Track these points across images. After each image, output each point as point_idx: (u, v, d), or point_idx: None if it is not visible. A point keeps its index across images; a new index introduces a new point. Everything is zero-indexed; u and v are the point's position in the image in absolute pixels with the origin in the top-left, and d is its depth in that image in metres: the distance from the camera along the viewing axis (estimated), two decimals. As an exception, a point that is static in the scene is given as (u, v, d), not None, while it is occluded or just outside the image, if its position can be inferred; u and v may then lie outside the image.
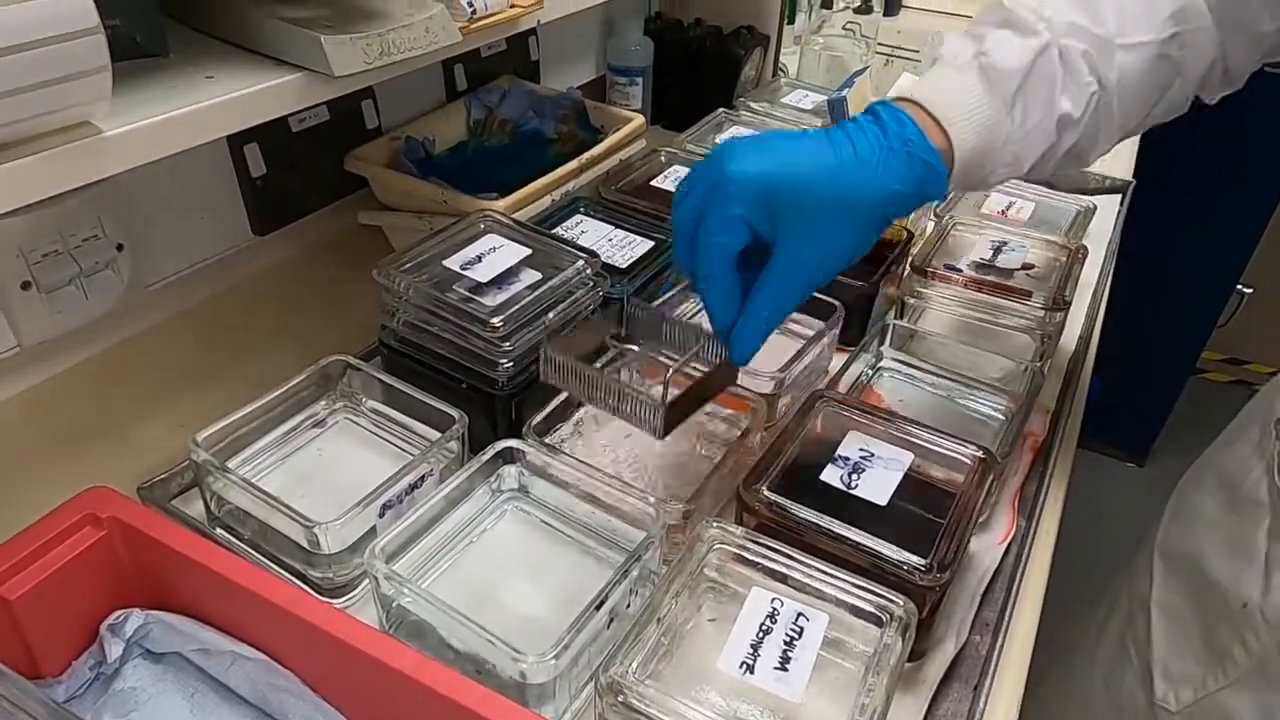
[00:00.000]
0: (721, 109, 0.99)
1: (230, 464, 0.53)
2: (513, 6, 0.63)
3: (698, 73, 1.11)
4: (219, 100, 0.46)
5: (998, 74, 0.47)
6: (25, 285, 0.57)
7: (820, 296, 0.67)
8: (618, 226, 0.75)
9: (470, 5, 0.58)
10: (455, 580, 0.50)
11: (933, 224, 0.80)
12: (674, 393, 0.49)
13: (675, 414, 0.49)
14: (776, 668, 0.40)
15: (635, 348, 0.60)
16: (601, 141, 0.85)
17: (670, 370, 0.50)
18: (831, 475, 0.51)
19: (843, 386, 0.62)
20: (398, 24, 0.52)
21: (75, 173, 0.41)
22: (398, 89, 0.82)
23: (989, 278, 0.69)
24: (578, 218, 0.76)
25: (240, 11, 0.51)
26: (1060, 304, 0.66)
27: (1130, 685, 0.65)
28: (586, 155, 0.81)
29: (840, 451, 0.52)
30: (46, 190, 0.40)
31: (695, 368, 0.52)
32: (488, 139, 0.89)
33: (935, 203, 0.76)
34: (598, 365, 0.58)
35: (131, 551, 0.46)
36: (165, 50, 0.48)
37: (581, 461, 0.53)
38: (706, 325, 0.49)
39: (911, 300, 0.70)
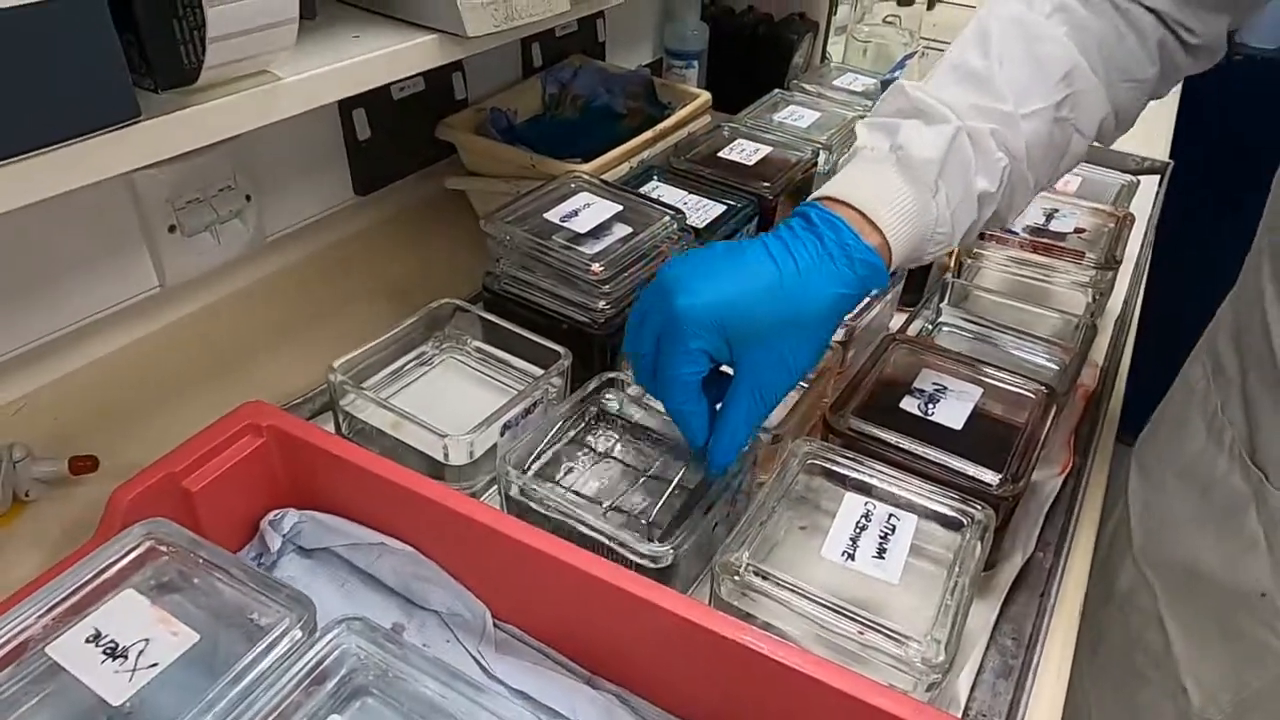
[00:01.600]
0: (777, 90, 1.04)
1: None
2: (608, -18, 0.68)
3: (751, 57, 1.16)
4: (369, 56, 0.52)
5: (916, 165, 0.48)
6: (171, 229, 0.63)
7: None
8: (691, 192, 0.80)
9: (575, -22, 0.64)
10: (572, 487, 0.56)
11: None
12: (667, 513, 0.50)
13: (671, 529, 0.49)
14: (874, 556, 0.45)
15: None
16: (669, 116, 0.90)
17: (655, 507, 0.51)
18: (909, 404, 0.56)
19: (908, 337, 0.67)
20: (518, -8, 0.58)
21: (259, 113, 0.46)
22: (482, 64, 0.88)
23: (1043, 240, 0.74)
24: (653, 183, 0.81)
25: (380, -21, 0.56)
26: (1111, 263, 0.71)
27: (1152, 702, 0.63)
28: (659, 127, 0.86)
29: (916, 384, 0.57)
30: (237, 128, 0.46)
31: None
32: (562, 112, 0.94)
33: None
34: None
35: (285, 456, 0.52)
36: (314, 13, 0.54)
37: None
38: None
39: (969, 260, 0.75)
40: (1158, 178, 1.03)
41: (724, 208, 0.77)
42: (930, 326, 0.72)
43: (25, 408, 0.59)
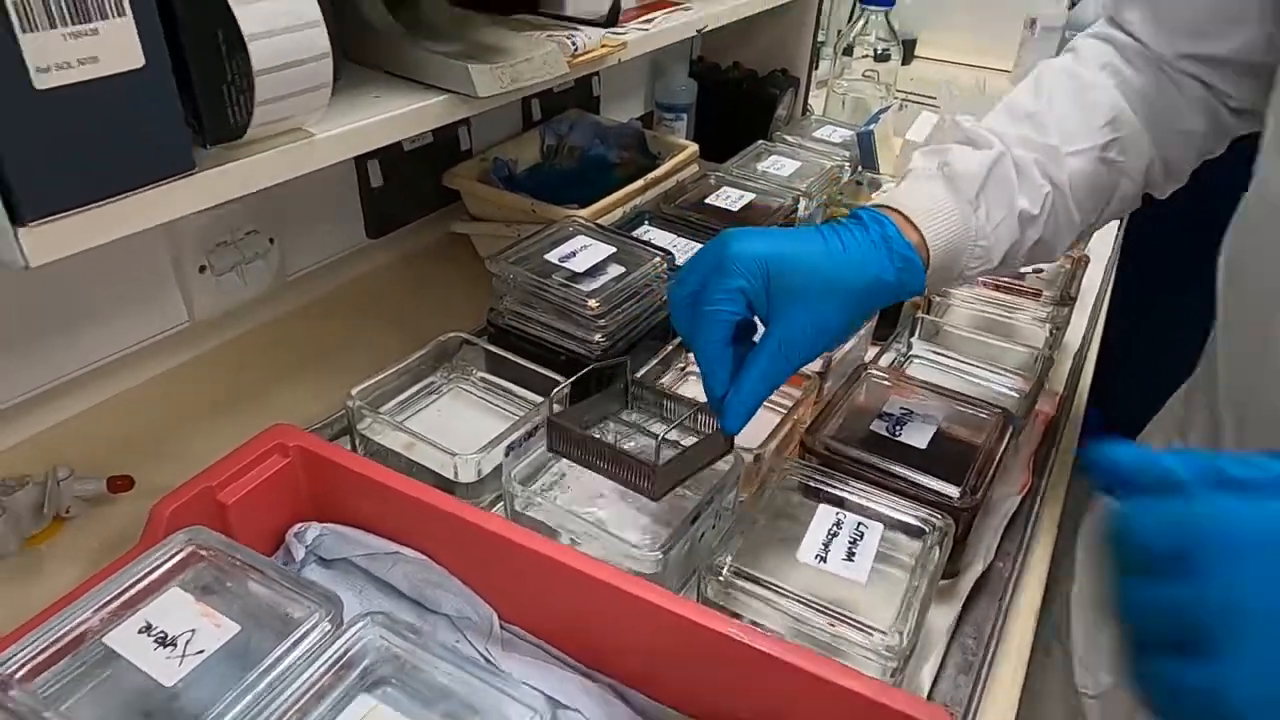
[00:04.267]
0: (761, 140, 1.11)
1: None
2: (603, 46, 0.75)
3: (736, 110, 1.24)
4: (391, 114, 0.58)
5: (960, 179, 0.54)
6: (202, 269, 0.68)
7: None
8: (680, 235, 0.86)
9: (574, 44, 0.71)
10: (568, 503, 0.60)
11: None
12: (667, 455, 0.52)
13: (668, 478, 0.52)
14: (844, 559, 0.50)
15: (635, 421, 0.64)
16: (660, 165, 0.97)
17: (660, 436, 0.54)
18: (879, 426, 0.61)
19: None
20: (521, 58, 0.64)
21: (294, 166, 0.52)
22: (486, 117, 0.94)
23: (1005, 280, 0.80)
24: (645, 227, 0.87)
25: (398, 47, 0.63)
26: (1066, 300, 0.77)
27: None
28: (650, 176, 0.93)
29: (885, 410, 0.63)
30: (274, 179, 0.51)
31: (691, 435, 0.58)
32: (559, 162, 1.01)
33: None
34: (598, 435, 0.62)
35: (310, 474, 0.56)
36: (339, 76, 0.60)
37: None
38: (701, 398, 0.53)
39: (938, 299, 0.81)
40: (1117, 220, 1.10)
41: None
42: (902, 359, 0.78)
43: (66, 432, 0.64)
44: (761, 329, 0.52)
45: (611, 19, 0.78)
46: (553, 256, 0.72)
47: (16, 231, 0.39)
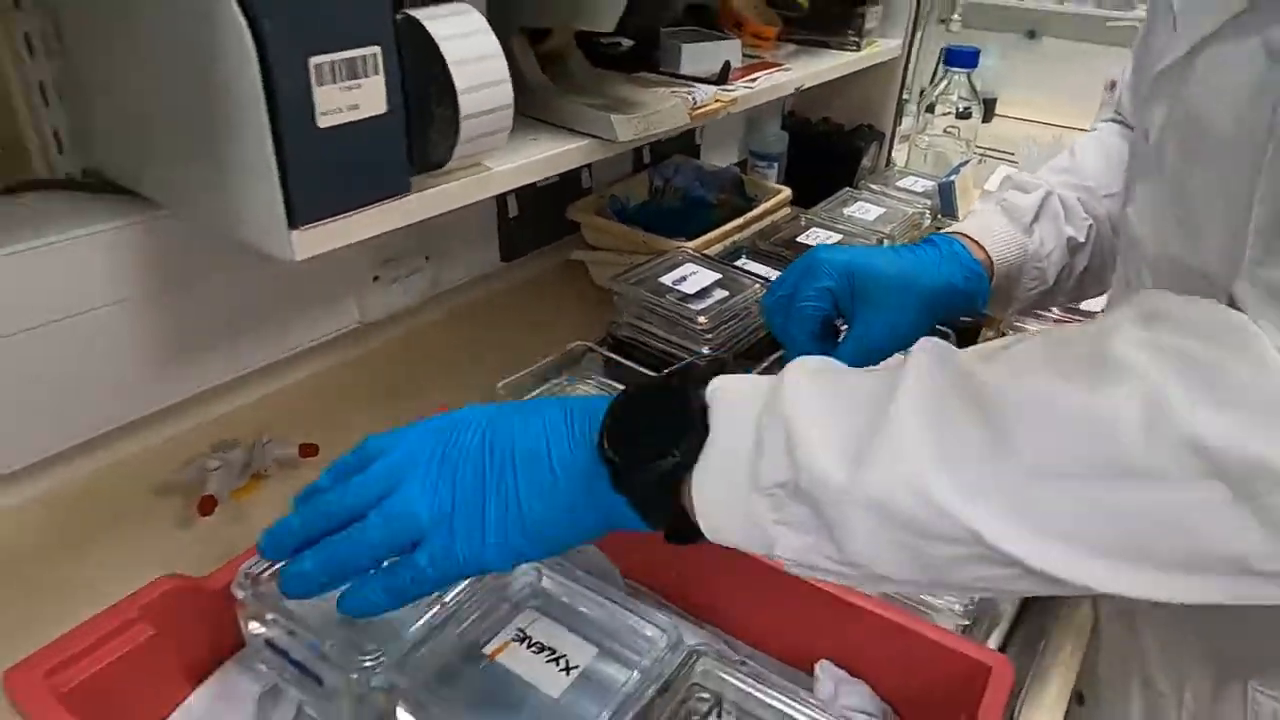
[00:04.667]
0: (847, 188, 1.21)
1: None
2: (716, 101, 0.87)
3: (824, 160, 1.34)
4: (547, 154, 0.70)
5: (1015, 210, 0.63)
6: (375, 278, 0.81)
7: (938, 327, 0.86)
8: (773, 268, 0.96)
9: (693, 99, 0.82)
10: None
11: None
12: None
13: None
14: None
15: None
16: (756, 206, 1.07)
17: None
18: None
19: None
20: (652, 110, 0.76)
21: (474, 193, 0.64)
22: (605, 160, 1.07)
23: (1075, 314, 0.87)
24: (742, 260, 0.98)
25: (550, 99, 0.75)
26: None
27: None
28: (747, 215, 1.04)
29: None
30: (459, 202, 0.64)
31: None
32: (664, 201, 1.13)
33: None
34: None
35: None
36: (503, 122, 0.73)
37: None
38: None
39: (1010, 332, 0.89)
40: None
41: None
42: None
43: (267, 405, 0.77)
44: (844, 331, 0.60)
45: (722, 78, 0.90)
46: (666, 280, 0.83)
47: (290, 233, 0.52)
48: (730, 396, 0.38)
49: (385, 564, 0.42)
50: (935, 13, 1.69)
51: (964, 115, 1.55)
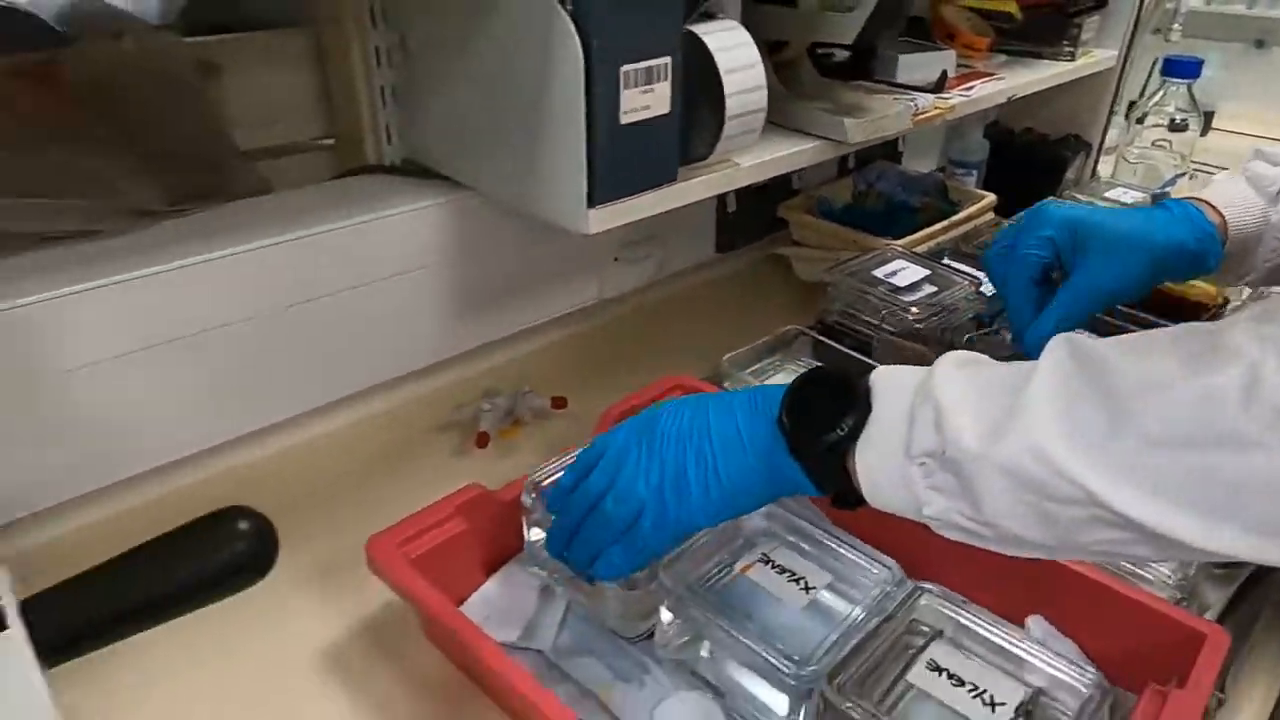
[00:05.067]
0: (1050, 197, 1.22)
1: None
2: (935, 109, 0.92)
3: (1026, 170, 1.35)
4: (784, 154, 0.78)
5: (1260, 179, 0.62)
6: (615, 259, 0.93)
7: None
8: (979, 270, 1.00)
9: (916, 106, 0.88)
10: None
11: (1248, 292, 0.97)
12: None
13: None
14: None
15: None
16: (959, 211, 1.11)
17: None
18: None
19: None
20: (880, 114, 0.83)
21: (724, 185, 0.74)
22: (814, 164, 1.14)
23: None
24: (946, 261, 1.02)
25: (785, 104, 0.83)
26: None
27: None
28: (951, 219, 1.08)
29: None
30: (711, 192, 0.73)
31: None
32: (867, 204, 1.18)
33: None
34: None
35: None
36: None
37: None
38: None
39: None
40: None
41: (1007, 282, 0.97)
42: None
43: (523, 362, 0.90)
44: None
45: (938, 87, 0.95)
46: (878, 273, 0.89)
47: (589, 211, 0.63)
48: (890, 382, 0.45)
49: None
50: (1152, 22, 1.64)
51: (1178, 128, 1.49)
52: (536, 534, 0.63)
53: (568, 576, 0.61)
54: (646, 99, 0.62)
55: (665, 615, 0.56)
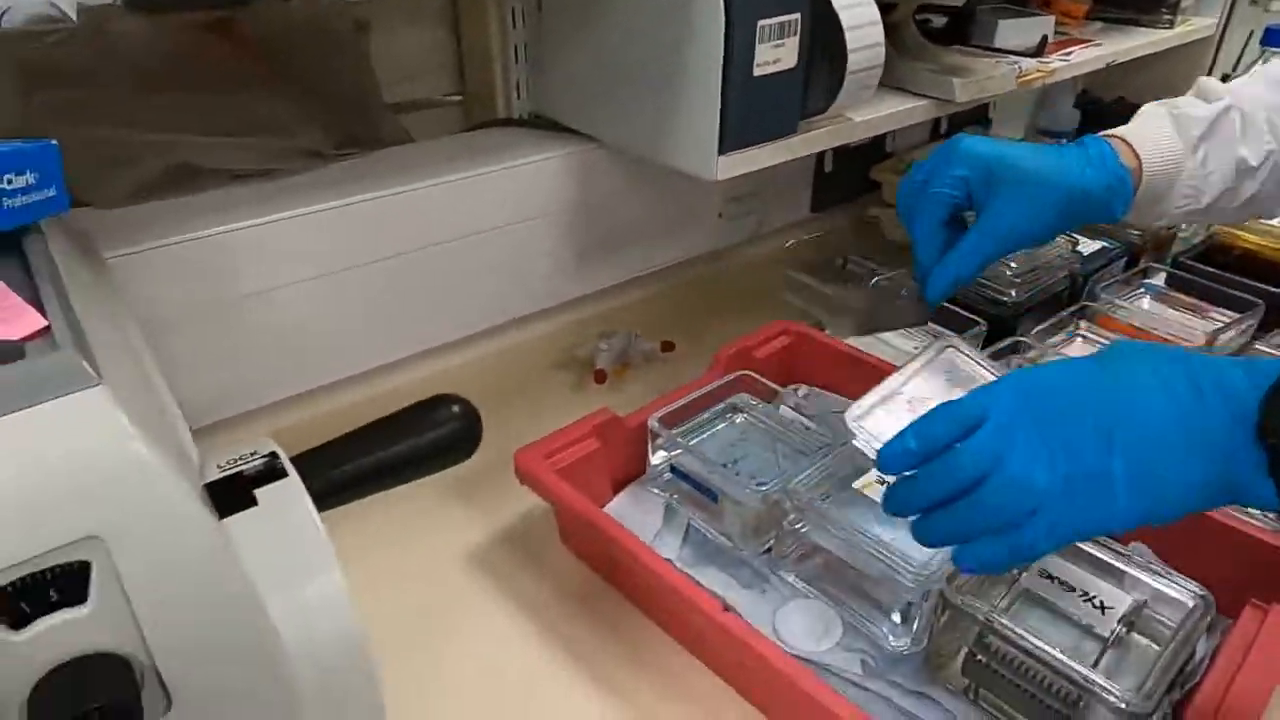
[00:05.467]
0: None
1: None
2: (1037, 72, 0.94)
3: (1116, 138, 1.35)
4: (893, 110, 0.82)
5: (1186, 120, 0.58)
6: (719, 215, 0.98)
7: (1242, 295, 0.88)
8: (1069, 236, 1.02)
9: (1018, 68, 0.91)
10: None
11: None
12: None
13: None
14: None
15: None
16: (1051, 176, 1.13)
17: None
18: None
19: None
20: (985, 75, 0.86)
21: (838, 138, 0.78)
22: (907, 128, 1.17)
23: None
24: (1039, 223, 1.04)
25: (894, 65, 0.87)
26: None
27: None
28: (1044, 183, 1.10)
29: None
30: (826, 145, 0.77)
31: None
32: (957, 169, 1.21)
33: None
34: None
35: (800, 350, 0.81)
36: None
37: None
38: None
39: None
40: None
41: (1101, 245, 0.99)
42: (1283, 353, 0.87)
43: (634, 309, 0.96)
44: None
45: (1039, 51, 0.97)
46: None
47: (718, 159, 0.68)
48: None
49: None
50: (1252, -8, 1.62)
51: None
52: (660, 457, 0.69)
53: (688, 496, 0.67)
54: (778, 53, 0.66)
55: (785, 530, 0.62)
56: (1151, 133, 0.59)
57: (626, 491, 0.71)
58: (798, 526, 0.61)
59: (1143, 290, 0.95)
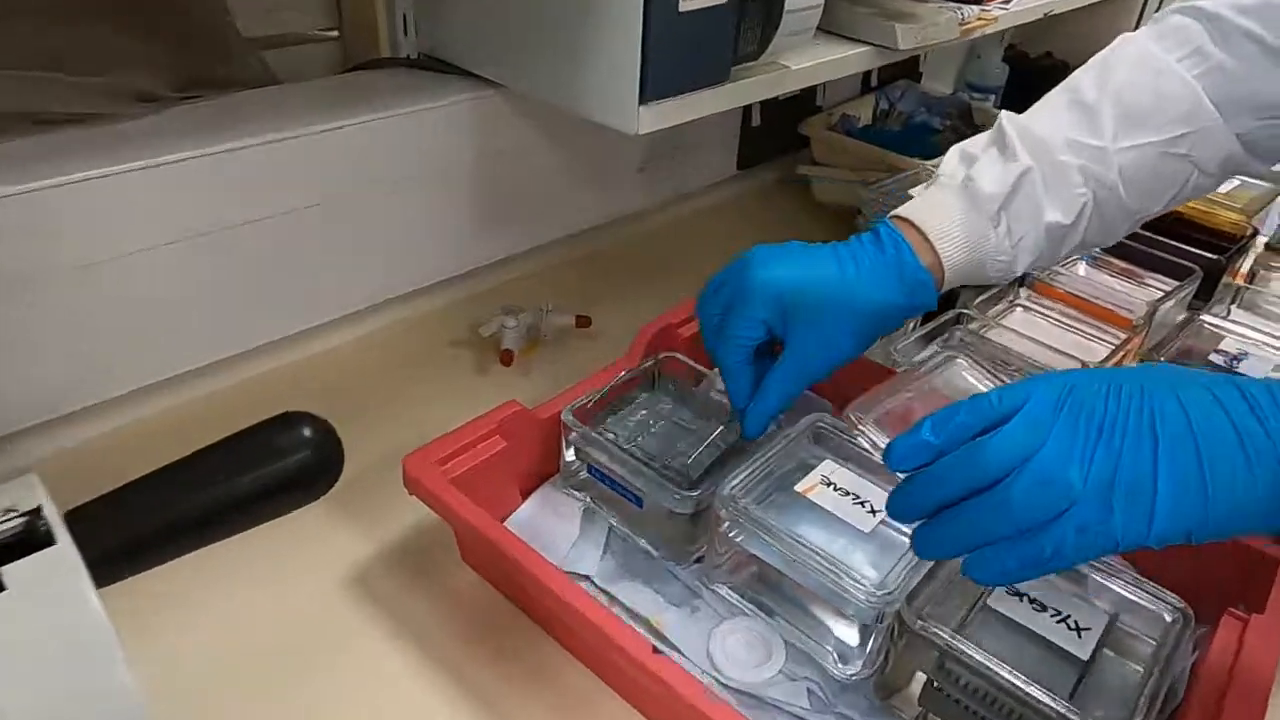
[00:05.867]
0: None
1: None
2: (979, 20, 0.87)
3: (1041, 96, 1.31)
4: (832, 59, 0.74)
5: (982, 198, 0.53)
6: (639, 170, 0.88)
7: (1179, 261, 0.85)
8: (1007, 194, 0.97)
9: (961, 15, 0.84)
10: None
11: (1277, 225, 0.96)
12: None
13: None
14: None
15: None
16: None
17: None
18: (1216, 359, 0.70)
19: (1202, 323, 0.81)
20: (930, 22, 0.78)
21: (772, 88, 0.69)
22: (838, 80, 1.09)
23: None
24: (975, 185, 0.99)
25: (834, 8, 0.78)
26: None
27: None
28: (979, 141, 1.04)
29: (1220, 346, 0.71)
30: (761, 95, 0.68)
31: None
32: (888, 125, 1.14)
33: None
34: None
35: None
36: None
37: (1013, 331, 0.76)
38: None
39: (1263, 271, 0.87)
40: None
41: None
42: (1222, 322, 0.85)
43: (545, 278, 0.86)
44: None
45: (979, -2, 0.90)
46: (914, 193, 0.86)
47: (640, 109, 0.58)
48: None
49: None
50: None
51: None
52: (575, 454, 0.60)
53: (608, 498, 0.58)
54: (703, -15, 0.56)
55: (719, 539, 0.54)
56: (945, 221, 0.54)
57: (538, 494, 0.62)
58: (731, 534, 0.53)
59: (1079, 257, 0.91)
